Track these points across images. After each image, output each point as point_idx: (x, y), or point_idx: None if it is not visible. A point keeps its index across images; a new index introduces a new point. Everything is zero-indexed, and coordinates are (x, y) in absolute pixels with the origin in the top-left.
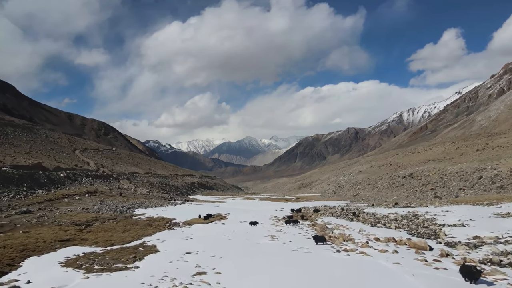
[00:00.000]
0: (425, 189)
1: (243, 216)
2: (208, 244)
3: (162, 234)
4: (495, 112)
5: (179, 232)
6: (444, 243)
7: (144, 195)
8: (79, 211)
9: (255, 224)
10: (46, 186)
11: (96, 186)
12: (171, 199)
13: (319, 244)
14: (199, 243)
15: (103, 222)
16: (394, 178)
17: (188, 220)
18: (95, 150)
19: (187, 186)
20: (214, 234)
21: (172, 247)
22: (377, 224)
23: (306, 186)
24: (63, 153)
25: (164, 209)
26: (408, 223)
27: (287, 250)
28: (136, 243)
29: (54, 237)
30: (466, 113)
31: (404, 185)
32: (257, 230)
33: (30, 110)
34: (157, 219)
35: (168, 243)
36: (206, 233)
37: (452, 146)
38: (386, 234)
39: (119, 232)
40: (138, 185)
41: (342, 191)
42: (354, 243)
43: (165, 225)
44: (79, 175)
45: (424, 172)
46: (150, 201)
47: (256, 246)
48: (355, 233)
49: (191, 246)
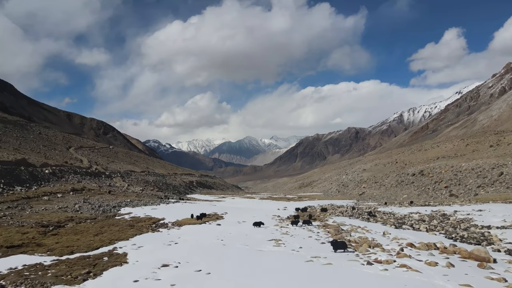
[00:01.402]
0: (438, 187)
1: (242, 216)
2: (195, 251)
3: (141, 238)
4: (497, 111)
5: (164, 235)
6: (505, 251)
7: (136, 193)
8: (56, 210)
9: (259, 225)
10: (27, 183)
11: (84, 183)
12: (166, 198)
13: (339, 251)
14: (183, 251)
15: (78, 222)
16: (402, 175)
17: (179, 220)
18: (91, 148)
19: (185, 185)
20: (206, 238)
21: (147, 256)
22: (402, 225)
23: (307, 186)
24: (56, 150)
25: (154, 208)
26: (440, 224)
27: (299, 261)
28: (104, 250)
29: (3, 242)
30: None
31: (414, 183)
32: (259, 233)
33: (29, 109)
34: (143, 219)
35: (144, 250)
36: (196, 236)
37: (461, 143)
38: (420, 239)
39: (91, 235)
40: (132, 183)
41: (346, 189)
42: (384, 251)
43: (150, 226)
44: (66, 171)
45: (435, 169)
46: (141, 199)
47: (257, 255)
48: (379, 237)
49: (173, 254)
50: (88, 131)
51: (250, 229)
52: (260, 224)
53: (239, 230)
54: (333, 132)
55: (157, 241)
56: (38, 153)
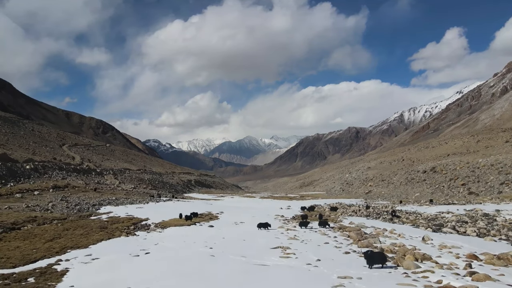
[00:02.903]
0: (455, 185)
1: (240, 216)
2: (168, 268)
3: (107, 244)
4: (500, 110)
5: (139, 241)
6: None
7: (126, 191)
8: (23, 209)
9: (266, 227)
10: (3, 179)
11: (70, 180)
12: (158, 196)
13: (375, 267)
14: (150, 266)
15: (41, 223)
16: (412, 173)
17: (165, 221)
18: (86, 146)
19: (183, 184)
20: (190, 245)
21: (92, 276)
22: (441, 228)
23: (308, 185)
24: (47, 147)
25: (139, 207)
26: (490, 226)
27: (322, 286)
28: (40, 265)
29: None
30: (469, 111)
31: (426, 181)
32: (260, 237)
33: (27, 108)
34: (122, 220)
35: (95, 264)
36: (179, 242)
37: (471, 139)
38: (478, 247)
39: (42, 242)
40: (124, 180)
41: (351, 188)
42: (442, 267)
43: (128, 228)
44: (51, 168)
45: (448, 165)
46: (129, 197)
47: (257, 275)
48: (419, 244)
49: (132, 273)
50: (87, 130)
51: (249, 232)
52: (267, 225)
53: (235, 234)
54: (334, 132)
55: (125, 250)
56: (26, 149)
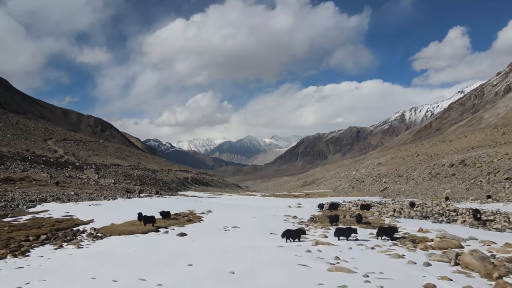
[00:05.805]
0: (496, 179)
1: (234, 217)
2: None
3: None
4: (504, 109)
5: (12, 274)
6: None
7: (100, 186)
8: None
9: (298, 238)
10: None
11: (31, 172)
12: (140, 192)
13: None
14: None
15: None
16: (435, 167)
17: (114, 224)
18: (76, 141)
19: (178, 181)
20: None
21: None
22: None
23: (311, 184)
24: (27, 140)
25: (95, 204)
26: None
27: None
28: None
29: None
30: (472, 110)
31: (456, 175)
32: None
33: (24, 105)
34: (46, 223)
35: None
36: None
37: (494, 132)
38: None
39: None
40: (108, 175)
41: (362, 185)
42: None
43: (36, 239)
44: (11, 158)
45: (482, 157)
46: (97, 192)
47: None
48: None
49: None
50: (85, 128)
51: (247, 247)
52: (299, 235)
53: (218, 254)
54: (334, 132)
55: None
56: (0, 140)
